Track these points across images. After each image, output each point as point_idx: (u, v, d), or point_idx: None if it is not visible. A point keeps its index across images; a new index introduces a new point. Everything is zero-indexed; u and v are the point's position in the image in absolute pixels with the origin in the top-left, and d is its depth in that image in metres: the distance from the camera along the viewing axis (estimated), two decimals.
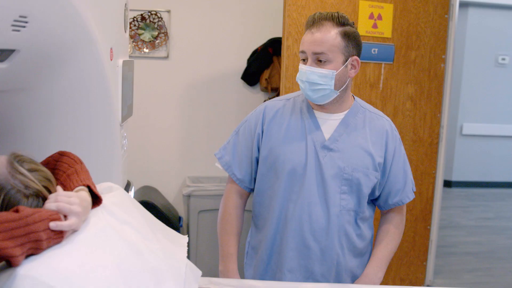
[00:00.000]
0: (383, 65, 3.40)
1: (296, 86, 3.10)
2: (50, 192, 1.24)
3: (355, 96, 2.01)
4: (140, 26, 4.00)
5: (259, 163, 1.99)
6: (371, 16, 3.32)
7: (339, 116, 1.93)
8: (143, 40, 4.01)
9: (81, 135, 1.69)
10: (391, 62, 3.43)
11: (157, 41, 4.03)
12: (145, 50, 4.02)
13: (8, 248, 1.02)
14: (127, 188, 2.13)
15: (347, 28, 1.82)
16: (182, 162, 4.28)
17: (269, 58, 4.21)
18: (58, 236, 1.14)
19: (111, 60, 1.77)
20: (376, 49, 3.37)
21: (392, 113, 3.45)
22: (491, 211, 6.53)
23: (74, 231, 1.19)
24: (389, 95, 3.44)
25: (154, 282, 1.27)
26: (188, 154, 4.28)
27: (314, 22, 1.82)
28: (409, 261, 3.66)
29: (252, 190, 2.05)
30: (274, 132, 1.95)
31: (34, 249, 1.08)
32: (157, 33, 4.02)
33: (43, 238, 1.09)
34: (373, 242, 2.07)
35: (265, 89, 4.25)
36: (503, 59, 7.61)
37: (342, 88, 1.86)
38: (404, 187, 1.98)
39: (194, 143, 4.28)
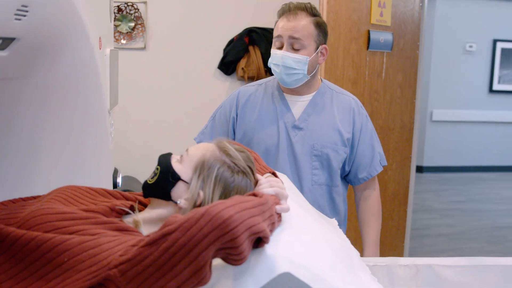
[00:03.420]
0: (385, 54, 3.39)
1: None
2: (252, 171, 1.33)
3: (322, 79, 2.15)
4: (117, 17, 4.02)
5: None
6: (379, 4, 3.28)
7: (308, 97, 2.06)
8: (120, 32, 4.03)
9: (73, 122, 1.74)
10: (390, 51, 3.41)
11: (134, 32, 4.06)
12: (123, 41, 4.05)
13: (266, 229, 1.09)
14: (115, 175, 2.17)
15: (318, 18, 1.98)
16: (162, 151, 4.31)
17: (245, 47, 4.26)
18: (279, 219, 1.23)
19: (100, 49, 1.81)
20: (383, 38, 3.32)
21: (389, 102, 3.47)
22: (462, 195, 6.70)
23: None
24: (388, 83, 3.46)
25: (348, 258, 1.34)
26: (168, 144, 4.32)
27: (290, 10, 1.96)
28: (396, 244, 3.76)
29: None
30: (248, 115, 2.08)
31: (271, 230, 1.15)
32: (134, 24, 4.04)
33: (275, 220, 1.18)
34: (347, 217, 2.20)
35: (241, 78, 4.31)
36: (471, 46, 7.79)
37: (312, 73, 2.00)
38: (372, 161, 2.10)
39: (173, 132, 4.32)
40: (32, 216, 1.16)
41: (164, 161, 1.35)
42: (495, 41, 7.85)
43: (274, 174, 1.45)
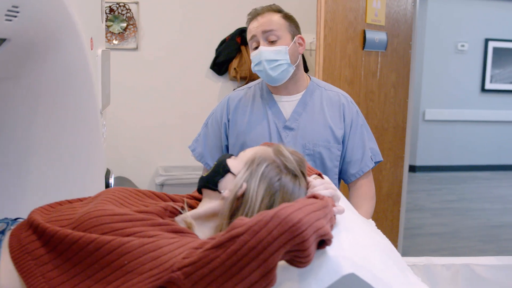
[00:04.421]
0: (379, 54, 3.38)
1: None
2: (304, 176, 1.34)
3: (311, 76, 2.15)
4: (108, 18, 4.01)
5: (229, 150, 2.11)
6: (375, 4, 3.27)
7: (297, 96, 2.06)
8: (112, 32, 4.02)
9: (65, 122, 1.73)
10: (384, 50, 3.39)
11: (126, 32, 4.05)
12: (115, 41, 4.04)
13: (330, 232, 1.10)
14: (108, 176, 2.17)
15: (285, 13, 2.02)
16: (154, 152, 4.32)
17: (237, 47, 4.27)
18: (334, 219, 1.24)
19: (92, 49, 1.81)
20: (378, 38, 3.30)
21: (383, 101, 3.47)
22: (454, 194, 6.71)
23: None
24: (382, 83, 3.45)
25: (396, 259, 1.35)
26: (159, 143, 4.32)
27: (257, 13, 2.00)
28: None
29: None
30: (239, 119, 2.07)
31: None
32: (126, 24, 4.04)
33: (334, 221, 1.21)
34: None
35: (234, 78, 4.31)
36: (462, 45, 7.81)
37: (296, 63, 2.01)
38: (362, 156, 2.08)
39: (165, 132, 4.31)
40: (87, 217, 1.16)
41: (221, 158, 1.37)
42: (487, 40, 7.87)
43: (320, 175, 1.47)
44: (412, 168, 7.80)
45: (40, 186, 1.74)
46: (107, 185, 2.08)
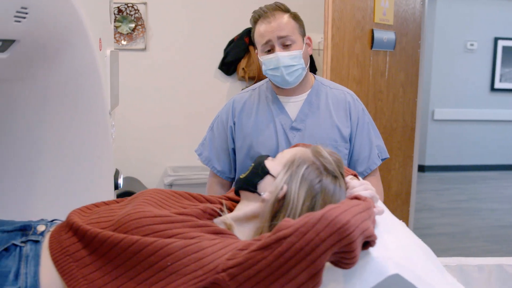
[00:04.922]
0: (388, 53, 3.36)
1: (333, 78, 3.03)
2: (343, 177, 1.34)
3: (316, 76, 2.13)
4: (117, 18, 4.02)
5: (236, 153, 2.10)
6: (383, 3, 3.25)
7: (302, 96, 2.05)
8: (121, 33, 4.03)
9: (74, 123, 1.74)
10: (393, 50, 3.38)
11: (135, 33, 4.06)
12: (123, 42, 4.05)
13: (374, 233, 1.11)
14: (116, 176, 2.17)
15: (292, 12, 1.98)
16: (162, 152, 4.32)
17: (245, 47, 4.26)
18: (375, 220, 1.23)
19: (100, 50, 1.81)
20: (386, 37, 3.28)
21: (392, 101, 3.46)
22: (464, 194, 6.68)
23: None
24: (391, 83, 3.44)
25: (432, 258, 1.36)
26: (168, 143, 4.32)
27: (267, 13, 1.95)
28: None
29: (233, 179, 2.15)
30: (245, 122, 2.06)
31: None
32: (134, 25, 4.04)
33: (375, 222, 1.20)
34: None
35: (242, 78, 4.31)
36: (472, 45, 7.77)
37: (307, 66, 2.01)
38: (370, 154, 2.07)
39: (173, 132, 4.32)
40: (128, 219, 1.16)
41: (259, 159, 1.38)
42: (496, 39, 7.83)
43: (356, 176, 1.47)
44: (421, 168, 7.76)
45: (49, 187, 1.75)
46: (116, 186, 2.09)
